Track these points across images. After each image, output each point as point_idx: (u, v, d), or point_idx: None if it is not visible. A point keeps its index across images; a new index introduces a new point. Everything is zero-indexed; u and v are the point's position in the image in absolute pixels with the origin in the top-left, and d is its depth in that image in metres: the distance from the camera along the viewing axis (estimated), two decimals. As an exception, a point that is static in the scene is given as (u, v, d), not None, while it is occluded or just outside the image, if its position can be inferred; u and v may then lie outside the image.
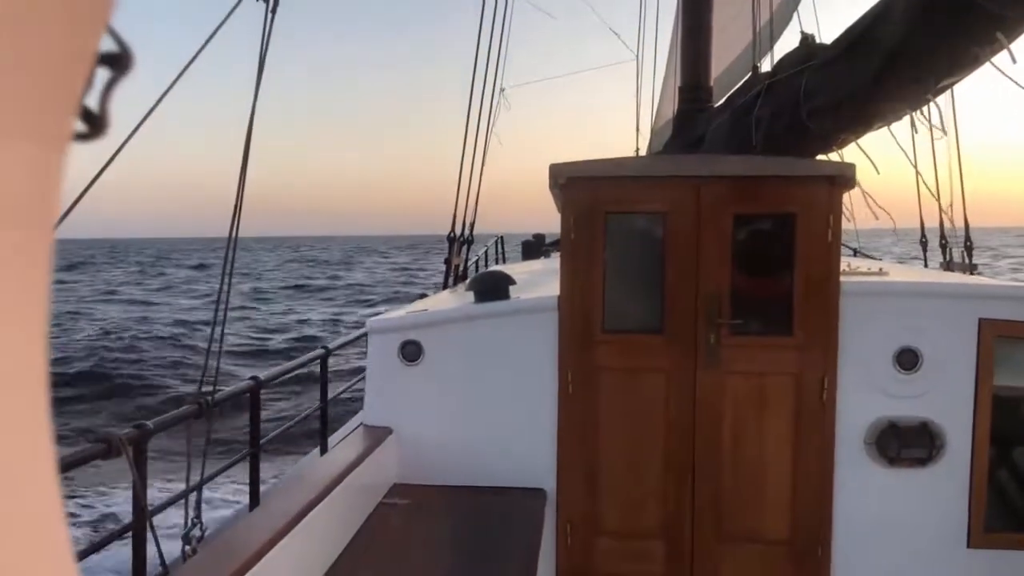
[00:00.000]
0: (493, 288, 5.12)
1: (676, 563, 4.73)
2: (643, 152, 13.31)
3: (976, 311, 4.53)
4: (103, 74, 0.44)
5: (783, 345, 4.61)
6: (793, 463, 4.63)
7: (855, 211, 5.42)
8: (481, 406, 4.84)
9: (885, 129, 5.07)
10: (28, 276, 0.44)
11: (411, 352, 4.85)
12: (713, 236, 4.58)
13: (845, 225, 4.97)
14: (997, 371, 4.54)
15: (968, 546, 4.59)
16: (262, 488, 5.12)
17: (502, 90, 9.83)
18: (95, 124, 0.44)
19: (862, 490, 4.65)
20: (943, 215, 7.54)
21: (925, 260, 8.45)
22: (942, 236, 7.90)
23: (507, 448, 4.81)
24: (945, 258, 7.92)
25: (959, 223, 7.36)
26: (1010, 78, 3.96)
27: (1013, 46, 3.92)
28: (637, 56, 14.43)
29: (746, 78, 6.90)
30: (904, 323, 4.58)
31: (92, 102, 0.44)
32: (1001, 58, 4.03)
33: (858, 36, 4.53)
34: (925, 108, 4.71)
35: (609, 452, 4.73)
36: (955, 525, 4.61)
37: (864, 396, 4.60)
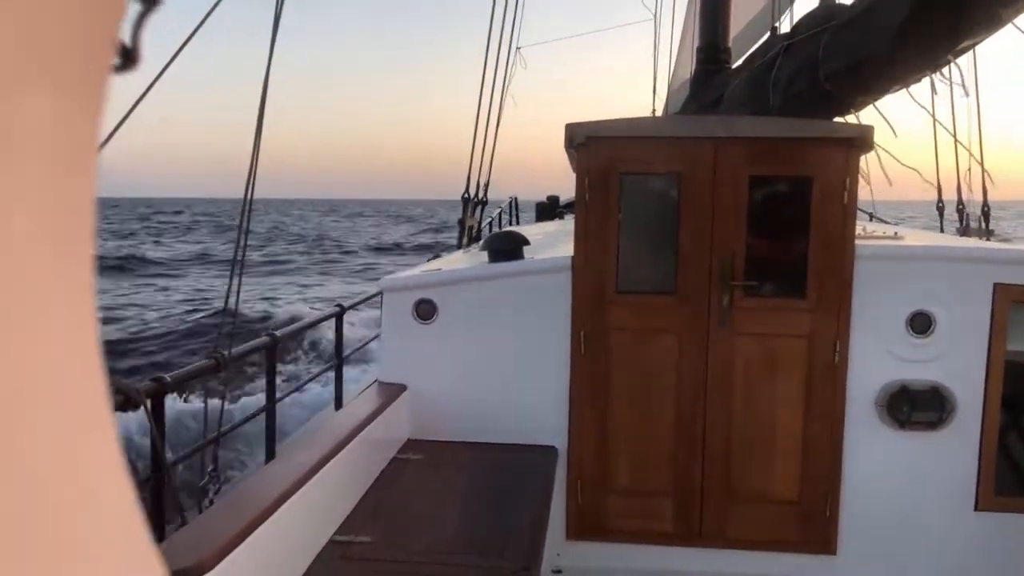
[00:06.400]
0: (507, 248, 5.14)
1: (685, 521, 4.79)
2: (659, 113, 13.21)
3: (991, 276, 4.51)
4: (135, 7, 0.46)
5: (796, 308, 4.62)
6: (804, 425, 4.66)
7: (872, 177, 5.39)
8: (494, 364, 4.88)
9: (904, 95, 5.02)
10: (74, 213, 0.46)
11: (425, 311, 4.88)
12: (729, 198, 4.57)
13: (862, 191, 4.95)
14: (1011, 336, 4.54)
15: (975, 509, 4.63)
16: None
17: (518, 49, 9.74)
18: (128, 57, 0.46)
19: (872, 453, 4.68)
20: (961, 180, 7.48)
21: (941, 225, 8.40)
22: (959, 201, 7.84)
23: (519, 405, 4.86)
24: (962, 223, 7.87)
25: (977, 188, 7.32)
26: None
27: None
28: (655, 15, 14.28)
29: (764, 39, 6.82)
30: (918, 287, 4.58)
31: (125, 35, 0.46)
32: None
33: None
34: (946, 69, 4.66)
35: (620, 411, 4.77)
36: (963, 489, 4.64)
37: (876, 359, 4.61)
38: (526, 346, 4.85)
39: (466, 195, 8.66)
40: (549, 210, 12.51)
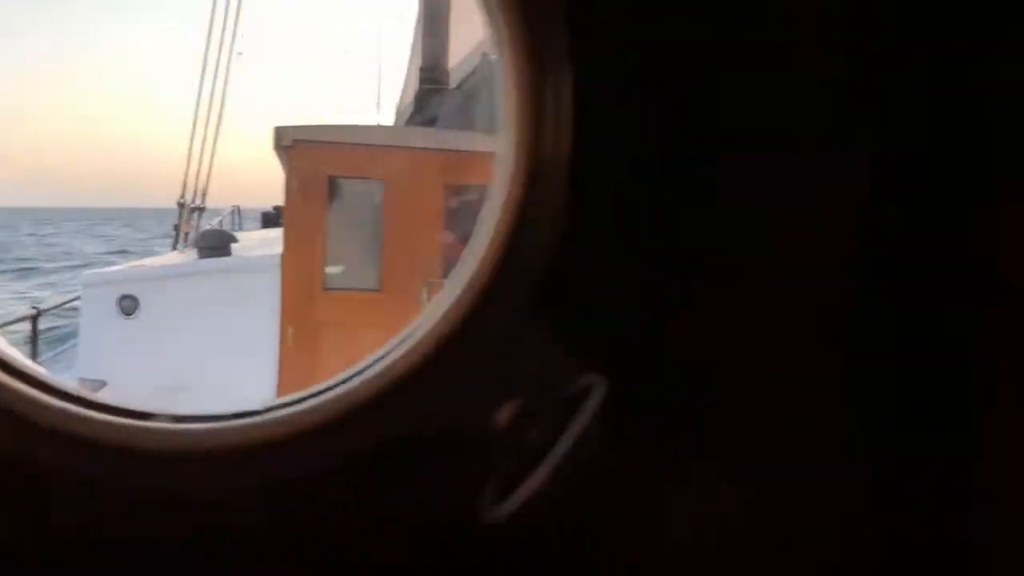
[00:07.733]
0: (216, 245, 5.17)
1: None
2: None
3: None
4: None
5: None
6: None
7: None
8: (203, 357, 4.88)
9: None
10: None
11: (128, 306, 4.79)
12: (427, 202, 4.91)
13: None
14: None
15: None
16: None
17: (239, 54, 9.50)
18: None
19: None
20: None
21: None
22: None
23: (227, 396, 4.86)
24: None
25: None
26: None
27: None
28: (378, 32, 14.60)
29: (478, 62, 7.29)
30: None
31: None
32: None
33: None
34: None
35: None
36: None
37: None
38: (234, 339, 4.89)
39: (182, 200, 8.43)
40: (275, 219, 12.45)
